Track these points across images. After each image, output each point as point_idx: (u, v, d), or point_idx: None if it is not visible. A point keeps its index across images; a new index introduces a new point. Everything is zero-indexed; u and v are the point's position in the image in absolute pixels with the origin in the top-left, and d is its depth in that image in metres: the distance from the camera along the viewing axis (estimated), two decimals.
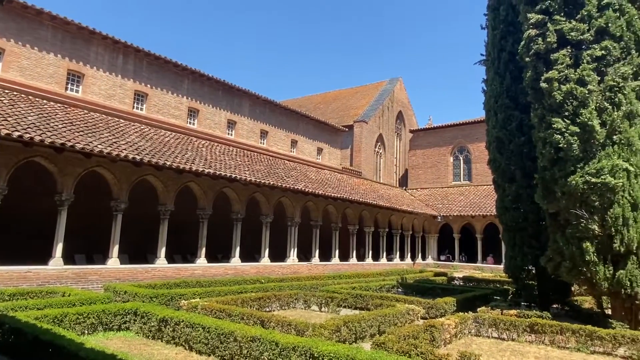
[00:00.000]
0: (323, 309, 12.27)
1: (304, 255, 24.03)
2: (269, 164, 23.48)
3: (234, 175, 17.41)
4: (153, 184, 16.47)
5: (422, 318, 10.97)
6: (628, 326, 9.38)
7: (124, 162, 14.71)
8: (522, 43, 10.74)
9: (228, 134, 24.81)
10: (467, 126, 36.20)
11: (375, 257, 28.30)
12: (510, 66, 13.27)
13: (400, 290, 16.87)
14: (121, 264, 14.82)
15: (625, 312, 9.77)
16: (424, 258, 32.80)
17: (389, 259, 29.61)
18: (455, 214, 31.22)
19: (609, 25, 9.58)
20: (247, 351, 6.72)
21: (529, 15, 10.55)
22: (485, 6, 14.57)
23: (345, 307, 12.36)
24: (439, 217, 31.89)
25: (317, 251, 23.21)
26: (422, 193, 36.41)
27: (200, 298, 10.88)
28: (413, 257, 31.76)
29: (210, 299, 10.86)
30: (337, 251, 24.57)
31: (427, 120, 59.38)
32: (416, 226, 31.81)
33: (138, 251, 17.88)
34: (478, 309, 11.61)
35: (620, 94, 9.36)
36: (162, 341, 7.98)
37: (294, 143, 29.34)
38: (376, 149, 39.80)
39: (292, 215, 21.90)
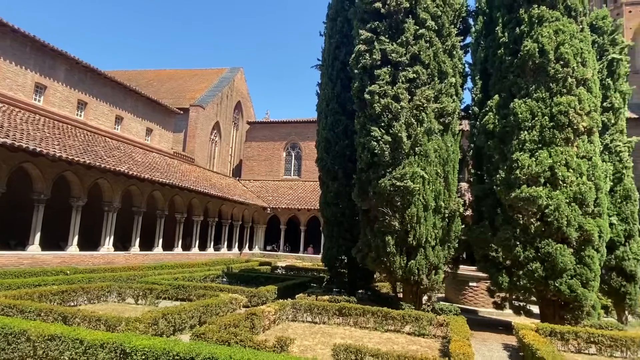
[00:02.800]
0: (140, 301, 11.49)
1: (123, 244, 22.02)
2: (86, 139, 20.73)
3: (38, 149, 14.85)
4: None
5: (245, 307, 11.21)
6: (414, 307, 11.24)
7: None
8: (353, 56, 11.84)
9: (35, 99, 20.99)
10: (300, 124, 38.18)
11: (202, 247, 27.69)
12: (342, 75, 14.51)
13: (225, 280, 16.89)
14: None
15: (412, 296, 11.68)
16: (251, 248, 33.46)
17: (217, 249, 29.33)
18: (283, 206, 32.69)
19: (421, 53, 11.27)
20: (44, 352, 5.87)
21: (360, 31, 11.70)
22: (325, 15, 15.60)
23: (165, 298, 11.80)
24: (269, 209, 32.96)
25: (138, 240, 21.53)
26: (254, 185, 37.06)
27: None
28: (240, 247, 32.12)
29: None
30: (161, 240, 23.21)
31: (264, 114, 60.63)
32: (246, 217, 32.23)
33: None
34: (296, 296, 12.41)
35: (423, 113, 11.12)
36: None
37: (119, 119, 26.54)
38: (212, 137, 38.87)
39: (110, 200, 19.81)
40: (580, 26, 10.75)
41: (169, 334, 8.03)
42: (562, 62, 10.11)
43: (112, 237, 19.85)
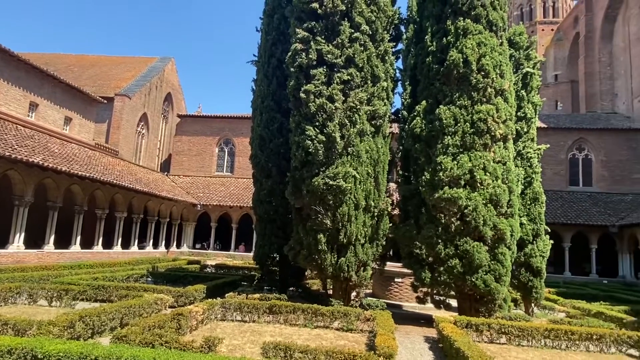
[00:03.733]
0: (55, 303, 10.67)
1: (35, 242, 20.27)
2: None
3: None
4: None
5: (171, 307, 10.83)
6: (343, 303, 11.51)
7: None
8: (290, 54, 11.86)
9: None
10: (234, 120, 37.47)
11: (126, 245, 26.23)
12: (278, 72, 14.47)
13: (150, 279, 16.18)
14: None
15: (342, 292, 11.96)
16: (179, 246, 32.28)
17: (141, 247, 27.95)
18: (215, 203, 31.90)
19: (355, 56, 11.56)
20: None
21: (297, 30, 11.75)
22: (262, 10, 15.46)
23: (83, 300, 11.07)
24: (199, 206, 31.99)
25: (53, 237, 19.93)
26: (184, 180, 35.78)
27: None
28: (168, 246, 30.87)
29: None
30: (79, 238, 21.66)
31: (197, 107, 58.68)
32: (174, 214, 31.04)
33: None
34: (226, 295, 12.21)
35: (356, 115, 11.42)
36: None
37: (33, 106, 24.35)
38: (139, 129, 36.94)
39: (21, 194, 18.15)
40: (500, 40, 11.62)
41: (87, 337, 7.55)
42: (483, 73, 10.88)
43: (22, 234, 18.20)
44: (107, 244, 24.53)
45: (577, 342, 9.32)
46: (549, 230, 13.82)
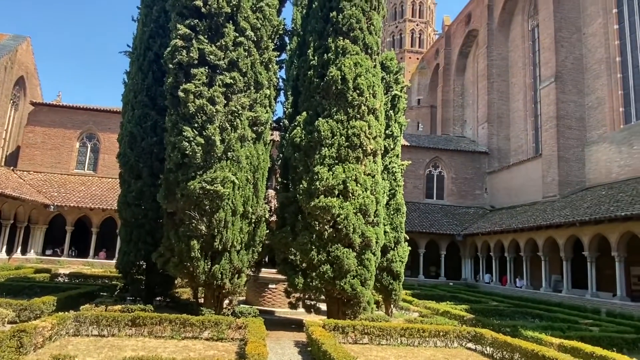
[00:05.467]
0: None
1: None
2: None
3: None
4: None
5: (12, 322, 9.38)
6: (215, 312, 11.20)
7: None
8: (169, 49, 11.26)
9: None
10: (101, 113, 34.01)
11: None
12: (155, 67, 13.63)
13: None
14: None
15: (214, 300, 11.65)
16: (25, 252, 28.02)
17: None
18: (72, 204, 28.45)
19: (239, 60, 11.47)
20: None
21: (178, 26, 11.23)
22: (140, 0, 14.46)
23: None
24: (52, 207, 28.20)
25: None
26: (35, 177, 31.26)
27: None
28: (10, 252, 26.59)
29: None
30: None
31: (56, 95, 51.89)
32: (20, 215, 26.93)
33: None
34: (82, 307, 10.99)
35: (238, 119, 11.31)
36: None
37: None
38: None
39: None
40: (374, 63, 12.62)
41: None
42: (358, 91, 11.68)
43: None
44: None
45: (428, 338, 10.48)
46: (408, 238, 15.37)
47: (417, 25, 60.61)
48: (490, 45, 38.09)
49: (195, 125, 10.83)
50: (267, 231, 12.40)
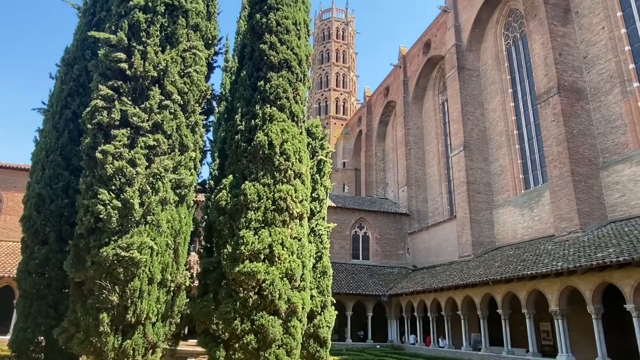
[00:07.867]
0: None
1: None
2: None
3: None
4: None
5: None
6: None
7: None
8: (88, 109, 10.83)
9: None
10: (6, 170, 31.12)
11: None
12: (71, 125, 13.02)
13: None
14: None
15: None
16: None
17: None
18: None
19: (164, 123, 11.30)
20: None
21: (100, 86, 10.93)
22: (60, 58, 14.03)
23: None
24: None
25: None
26: None
27: None
28: None
29: None
30: None
31: None
32: None
33: None
34: None
35: (160, 182, 10.92)
36: None
37: None
38: None
39: None
40: (300, 130, 13.10)
41: None
42: (285, 156, 11.95)
43: None
44: None
45: None
46: (334, 301, 15.28)
47: (341, 94, 64.70)
48: (407, 116, 41.38)
49: (113, 187, 10.27)
50: (187, 300, 11.69)
